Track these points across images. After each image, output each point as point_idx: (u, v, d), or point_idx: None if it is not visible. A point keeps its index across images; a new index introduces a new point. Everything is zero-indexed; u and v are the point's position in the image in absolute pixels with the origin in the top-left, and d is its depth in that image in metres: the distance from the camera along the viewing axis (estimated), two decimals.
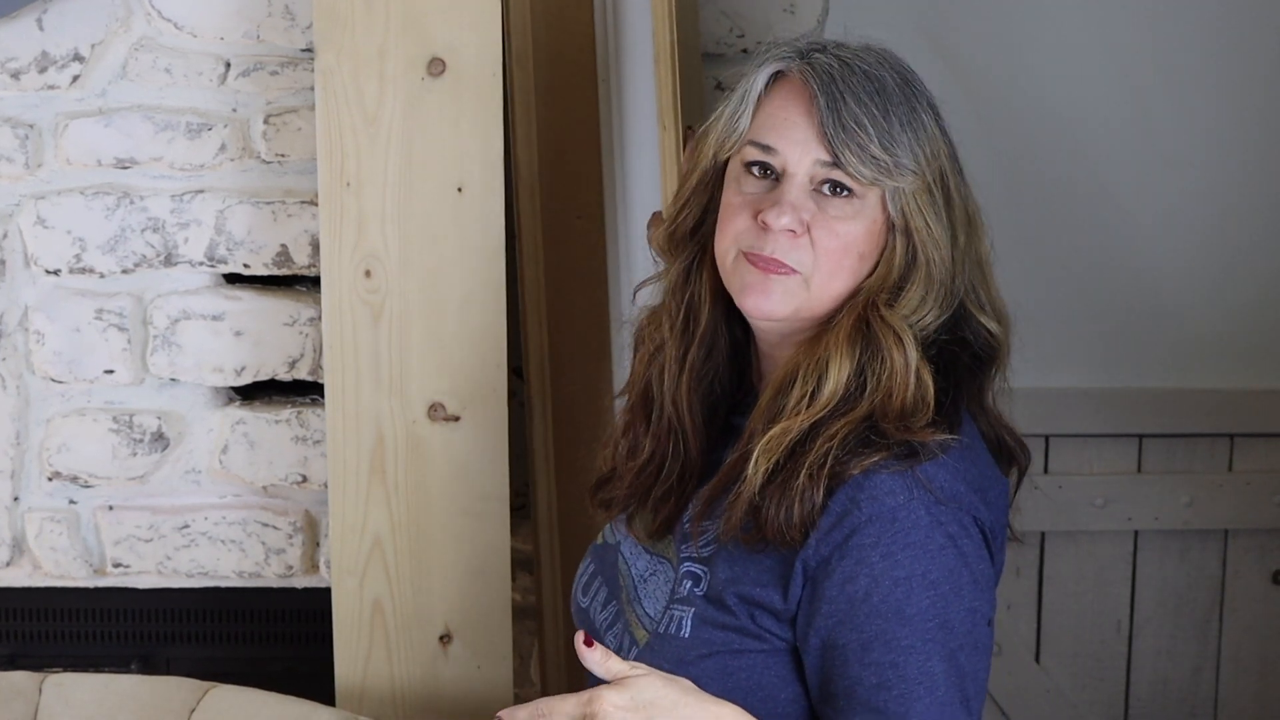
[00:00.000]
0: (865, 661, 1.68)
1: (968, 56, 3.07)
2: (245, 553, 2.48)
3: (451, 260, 2.25)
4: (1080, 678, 3.31)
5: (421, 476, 2.28)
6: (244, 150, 2.40)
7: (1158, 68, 3.11)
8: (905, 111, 1.74)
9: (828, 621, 1.70)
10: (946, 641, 1.68)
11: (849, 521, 1.69)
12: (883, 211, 1.75)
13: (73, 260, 2.42)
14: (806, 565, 1.71)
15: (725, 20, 2.61)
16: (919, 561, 1.68)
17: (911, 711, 1.67)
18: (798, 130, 1.75)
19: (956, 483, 1.72)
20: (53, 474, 2.47)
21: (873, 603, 1.68)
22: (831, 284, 1.75)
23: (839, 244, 1.74)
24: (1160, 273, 3.17)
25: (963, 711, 1.69)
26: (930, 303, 1.75)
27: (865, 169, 1.72)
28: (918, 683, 1.67)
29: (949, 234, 1.76)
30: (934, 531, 1.68)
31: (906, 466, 1.70)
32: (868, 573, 1.68)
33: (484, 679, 2.32)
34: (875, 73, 1.74)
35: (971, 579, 1.70)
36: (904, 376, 1.72)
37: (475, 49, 2.21)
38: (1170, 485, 3.21)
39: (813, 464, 1.70)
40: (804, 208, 1.74)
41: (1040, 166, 3.12)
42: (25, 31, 2.38)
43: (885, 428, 1.71)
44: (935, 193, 1.75)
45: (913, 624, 1.67)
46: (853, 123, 1.71)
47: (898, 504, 1.68)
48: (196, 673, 2.30)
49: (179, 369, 2.44)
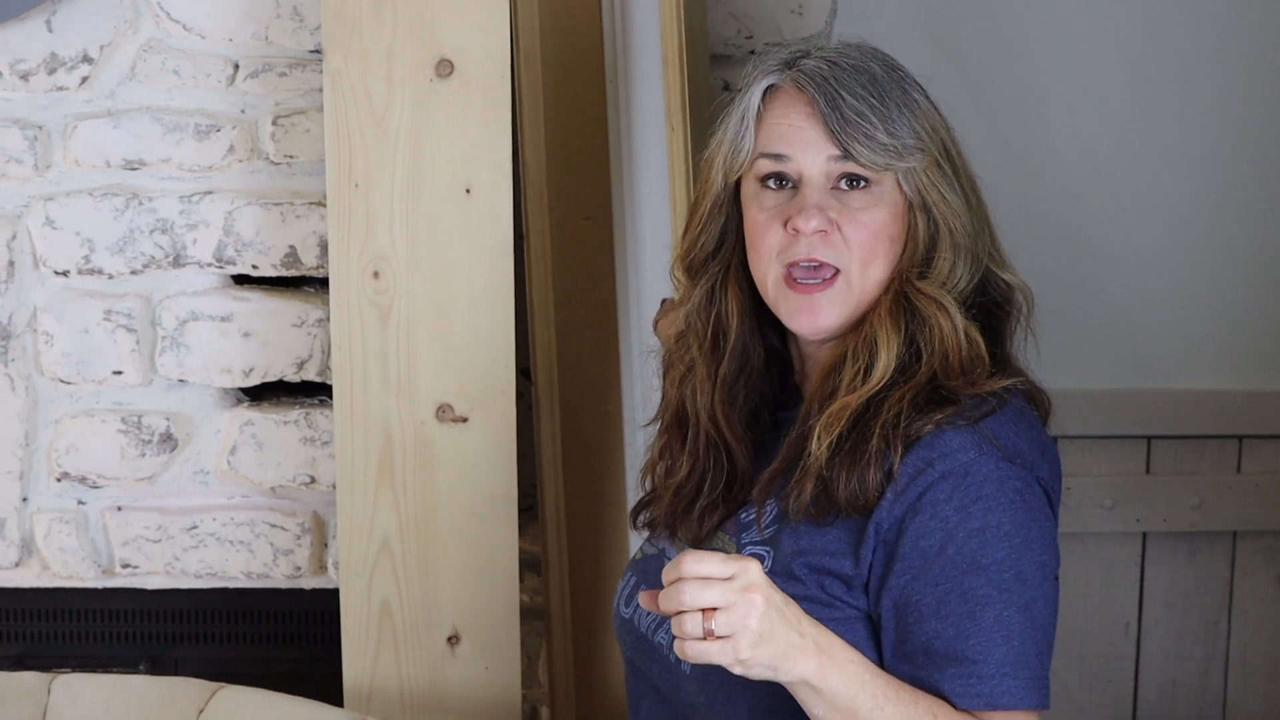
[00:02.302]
0: (942, 614, 1.70)
1: (974, 57, 3.07)
2: (253, 553, 2.48)
3: (460, 261, 2.25)
4: (1088, 679, 3.30)
5: (429, 477, 2.28)
6: (252, 151, 2.41)
7: (1165, 68, 3.10)
8: (899, 95, 1.79)
9: (901, 579, 1.72)
10: (1022, 593, 1.70)
11: (922, 479, 1.72)
12: (900, 194, 1.79)
13: (81, 261, 2.42)
14: (880, 528, 1.73)
15: (733, 22, 2.61)
16: (992, 514, 1.70)
17: (990, 659, 1.69)
18: (804, 134, 1.79)
19: (1019, 440, 1.76)
20: (61, 475, 2.47)
21: (948, 555, 1.70)
22: (870, 273, 1.80)
23: (868, 233, 1.78)
24: (1168, 274, 3.17)
25: (1038, 664, 1.71)
26: (960, 268, 1.80)
27: (876, 157, 1.76)
28: (995, 631, 1.69)
29: (963, 200, 1.81)
30: (1004, 485, 1.72)
31: (973, 422, 1.74)
32: (942, 527, 1.71)
33: (492, 680, 2.32)
34: (863, 65, 1.80)
35: (1040, 533, 1.73)
36: (955, 339, 1.77)
37: (483, 50, 2.21)
38: (1178, 487, 3.21)
39: (885, 426, 1.74)
40: (828, 206, 1.78)
41: (1047, 166, 3.12)
42: (34, 33, 2.38)
43: (952, 385, 1.75)
44: (944, 165, 1.80)
45: (988, 574, 1.69)
46: (855, 115, 1.76)
47: (969, 459, 1.72)
48: (204, 673, 2.30)
49: (187, 370, 2.44)
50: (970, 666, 1.69)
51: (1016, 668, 1.70)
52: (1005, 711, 1.70)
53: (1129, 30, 3.10)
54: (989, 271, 1.84)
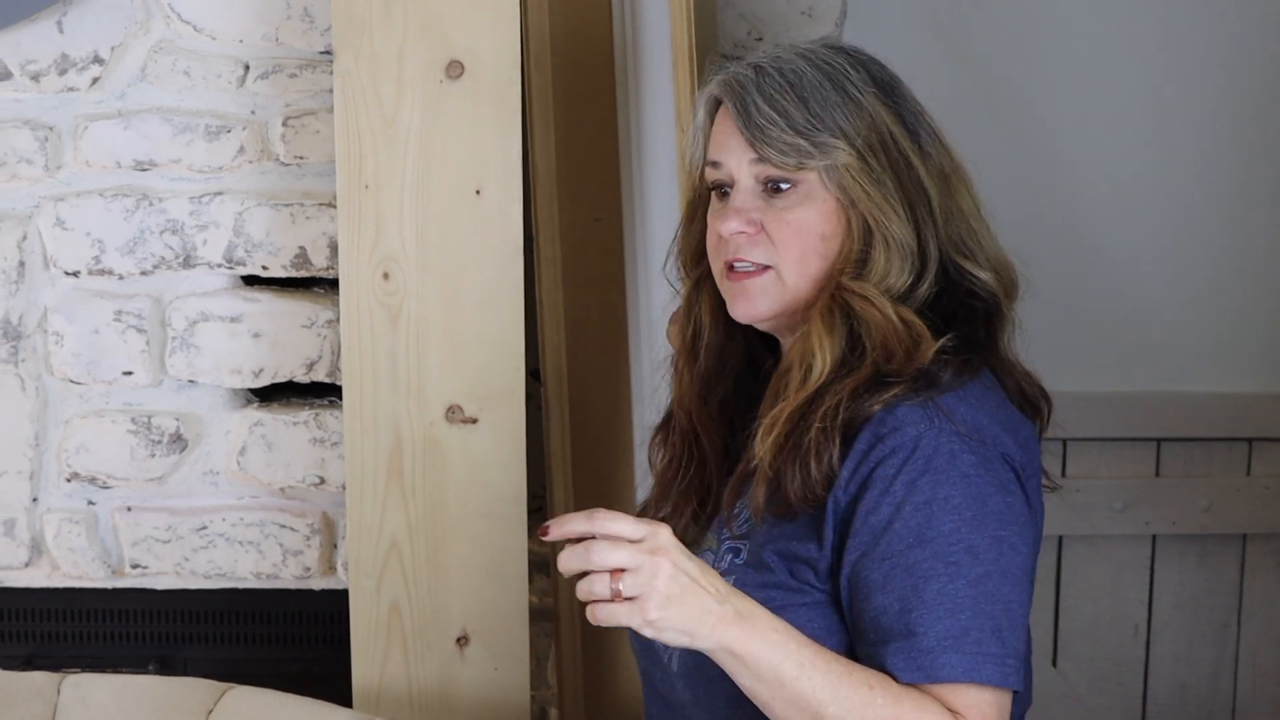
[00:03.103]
0: (888, 589, 1.70)
1: (983, 57, 3.07)
2: (263, 554, 2.49)
3: (470, 262, 2.25)
4: (1098, 682, 3.30)
5: (439, 479, 2.28)
6: (262, 152, 2.41)
7: (1175, 68, 3.10)
8: (827, 94, 1.82)
9: (853, 556, 1.73)
10: (972, 567, 1.69)
11: (874, 455, 1.73)
12: (829, 191, 1.83)
13: (91, 262, 2.42)
14: (837, 507, 1.75)
15: (744, 23, 2.61)
16: (941, 487, 1.70)
17: (931, 632, 1.67)
18: (731, 140, 1.86)
19: (979, 416, 1.76)
20: (71, 475, 2.48)
21: (895, 530, 1.70)
22: (803, 269, 1.83)
23: (792, 231, 1.83)
24: (1178, 276, 3.17)
25: (993, 640, 1.68)
26: (897, 267, 1.82)
27: (787, 157, 1.81)
28: (938, 604, 1.68)
29: (900, 197, 1.82)
30: (956, 459, 1.72)
31: (926, 397, 1.74)
32: (890, 501, 1.71)
33: (501, 681, 2.32)
34: (793, 68, 1.84)
35: (998, 509, 1.72)
36: (889, 326, 1.78)
37: (493, 52, 2.21)
38: (1188, 489, 3.21)
39: (824, 417, 1.76)
40: (750, 208, 1.84)
41: (1055, 167, 3.12)
42: (45, 34, 2.39)
43: (892, 368, 1.76)
44: (872, 162, 1.81)
45: (933, 546, 1.69)
46: (763, 119, 1.82)
47: (919, 432, 1.72)
48: (214, 674, 2.31)
49: (197, 371, 2.45)
50: (911, 639, 1.68)
51: (961, 641, 1.67)
52: (950, 685, 1.67)
53: (1139, 31, 3.10)
54: (958, 268, 1.84)
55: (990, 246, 1.88)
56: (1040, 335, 1.92)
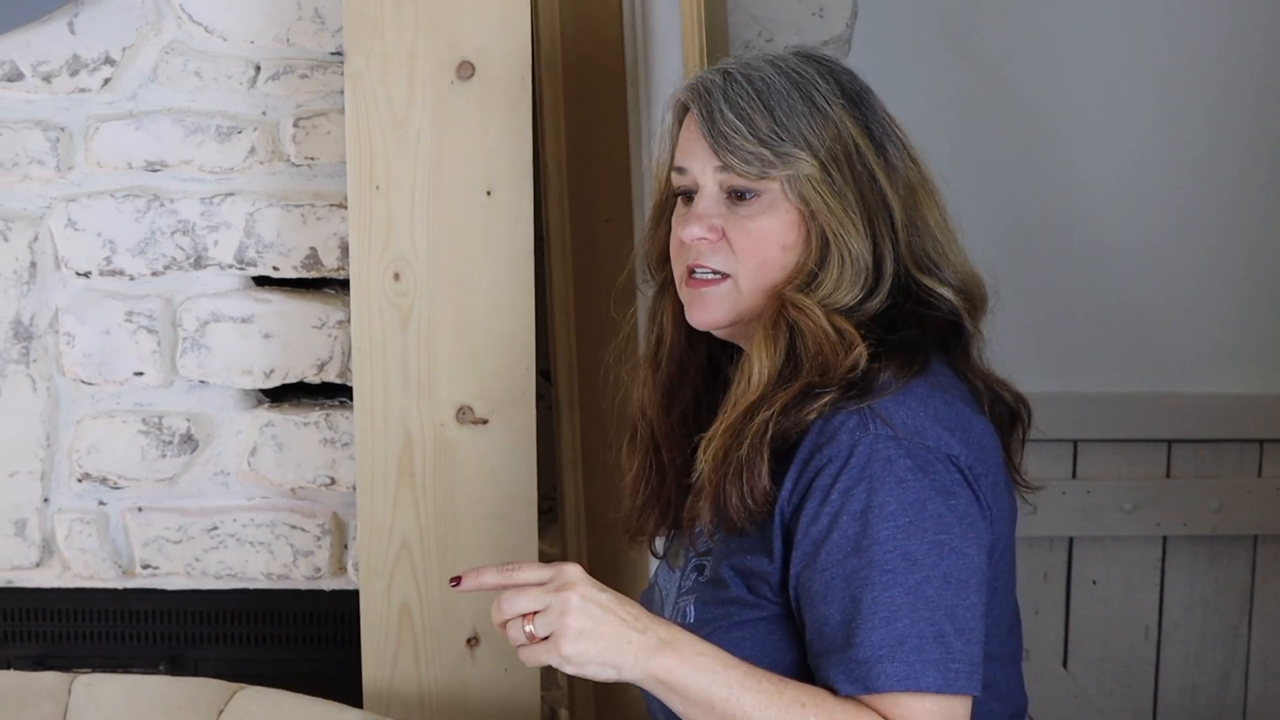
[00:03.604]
0: (828, 599, 1.69)
1: (993, 58, 3.07)
2: (273, 554, 2.49)
3: (480, 263, 2.25)
4: (1108, 684, 3.30)
5: (449, 479, 2.28)
6: (273, 153, 2.41)
7: (1185, 70, 3.10)
8: (794, 103, 1.81)
9: (797, 567, 1.72)
10: (909, 573, 1.67)
11: (813, 465, 1.73)
12: (790, 201, 1.81)
13: (103, 262, 2.43)
14: (783, 519, 1.74)
15: (754, 24, 2.61)
16: (875, 494, 1.69)
17: (867, 642, 1.66)
18: (697, 146, 1.85)
19: (919, 418, 1.73)
20: (82, 475, 2.48)
21: (833, 539, 1.70)
22: (759, 279, 1.83)
23: (752, 240, 1.82)
24: (1189, 277, 3.16)
25: (935, 646, 1.66)
26: (849, 282, 1.80)
27: (749, 166, 1.80)
28: (873, 613, 1.67)
29: (860, 211, 1.81)
30: (892, 464, 1.70)
31: (861, 404, 1.73)
32: (828, 510, 1.71)
33: (511, 682, 2.32)
34: (760, 75, 1.83)
35: (937, 514, 1.70)
36: (823, 335, 1.77)
37: (504, 52, 2.21)
38: (1199, 491, 3.21)
39: (754, 435, 1.75)
40: (713, 215, 1.84)
41: (1065, 168, 3.12)
42: (56, 35, 2.39)
43: (821, 380, 1.75)
44: (835, 174, 1.80)
45: (869, 554, 1.68)
46: (727, 127, 1.81)
47: (855, 440, 1.71)
48: (224, 674, 2.31)
49: (208, 371, 2.45)
50: (849, 651, 1.67)
51: (897, 649, 1.66)
52: (888, 695, 1.66)
53: (1146, 31, 3.09)
54: (918, 283, 1.83)
55: (957, 260, 1.86)
56: (1050, 336, 1.91)
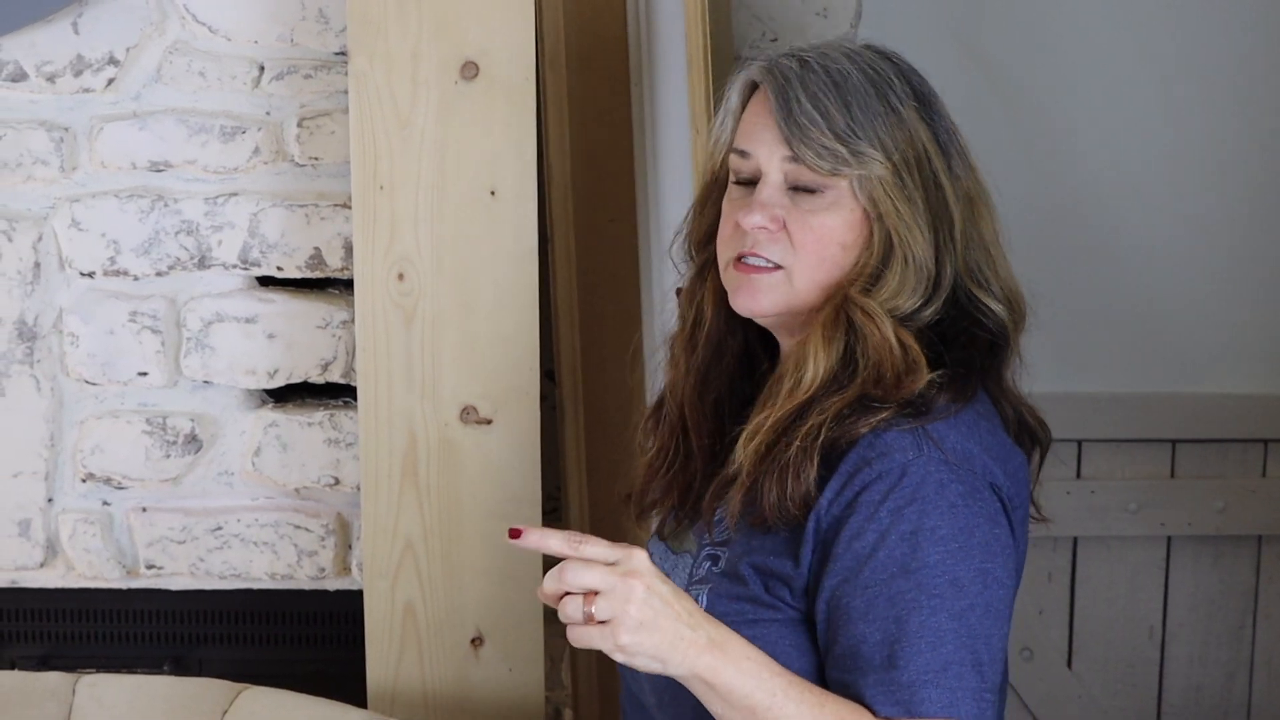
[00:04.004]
0: (869, 618, 1.68)
1: (997, 57, 3.07)
2: (277, 555, 2.49)
3: (484, 263, 2.25)
4: (1112, 684, 3.30)
5: (453, 479, 2.28)
6: (277, 153, 2.41)
7: (1190, 71, 3.10)
8: (870, 101, 1.78)
9: (834, 580, 1.70)
10: (956, 600, 1.67)
11: (860, 479, 1.71)
12: (857, 201, 1.78)
13: (107, 263, 2.43)
14: (819, 528, 1.72)
15: (758, 24, 2.61)
16: (927, 516, 1.68)
17: (913, 665, 1.65)
18: (766, 132, 1.80)
19: (969, 444, 1.73)
20: (86, 476, 2.48)
21: (879, 558, 1.68)
22: (815, 275, 1.80)
23: (814, 236, 1.79)
24: (1193, 277, 3.16)
25: (973, 674, 1.66)
26: (910, 288, 1.78)
27: (822, 161, 1.76)
28: (919, 637, 1.66)
29: (927, 218, 1.79)
30: (944, 489, 1.69)
31: (916, 424, 1.72)
32: (875, 528, 1.69)
33: (515, 682, 2.32)
34: (839, 68, 1.79)
35: (984, 541, 1.69)
36: (886, 349, 1.75)
37: (508, 52, 2.21)
38: (1203, 491, 3.20)
39: (805, 437, 1.73)
40: (776, 204, 1.79)
41: (1070, 168, 3.12)
42: (60, 35, 2.39)
43: (878, 394, 1.73)
44: (906, 178, 1.78)
45: (918, 577, 1.67)
46: (805, 119, 1.77)
47: (907, 460, 1.70)
48: (229, 674, 2.31)
49: (212, 371, 2.45)
50: (892, 673, 1.66)
51: (941, 675, 1.65)
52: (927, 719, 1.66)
53: (1153, 30, 3.09)
54: (970, 296, 1.81)
55: (1004, 275, 1.85)
56: (1055, 337, 1.91)
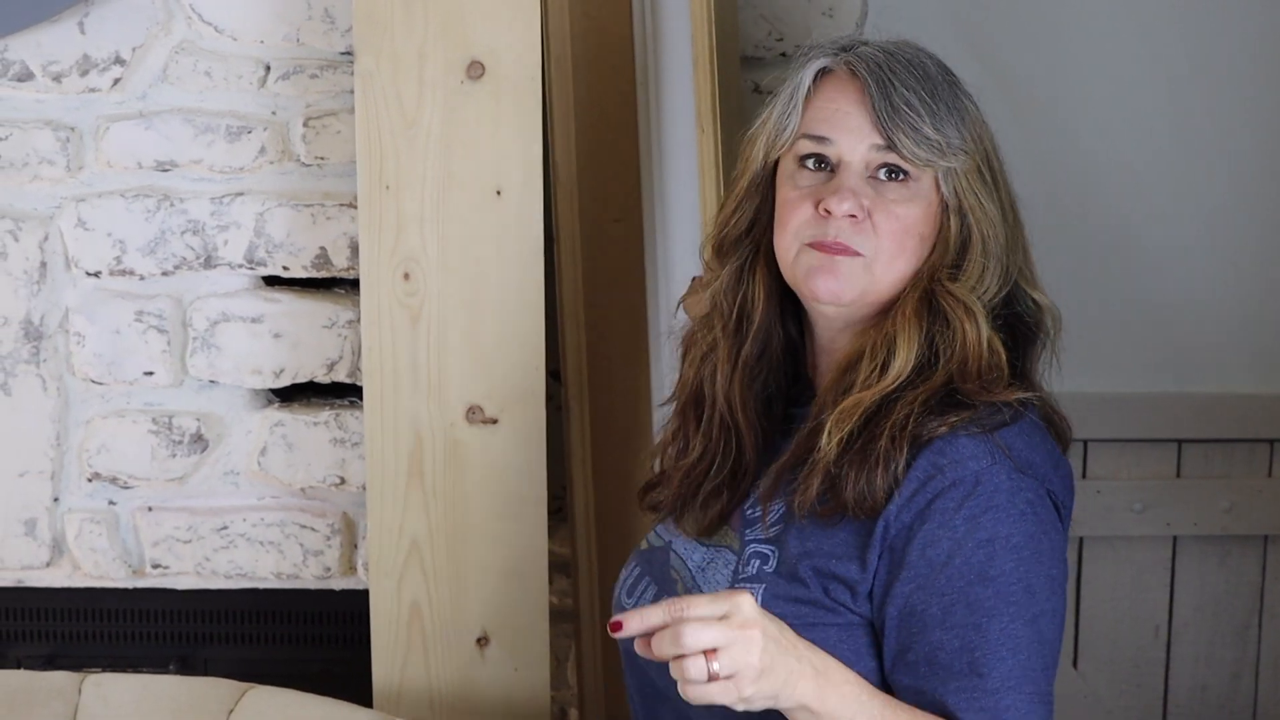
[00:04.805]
0: (947, 625, 1.69)
1: (1004, 57, 3.06)
2: (283, 554, 2.49)
3: (490, 263, 2.25)
4: (1118, 684, 3.29)
5: (459, 479, 2.28)
6: (283, 153, 2.41)
7: (1197, 69, 3.09)
8: (949, 95, 1.79)
9: (907, 587, 1.71)
10: (1029, 606, 1.69)
11: (932, 485, 1.71)
12: (937, 193, 1.79)
13: (113, 262, 2.43)
14: (887, 533, 1.72)
15: (764, 24, 2.61)
16: (1002, 525, 1.69)
17: (995, 673, 1.67)
18: (850, 119, 1.79)
19: (1033, 453, 1.74)
20: (92, 475, 2.48)
21: (955, 565, 1.69)
22: (894, 266, 1.79)
23: (899, 226, 1.78)
24: (1199, 276, 3.15)
25: (1044, 679, 1.69)
26: (990, 277, 1.79)
27: (919, 150, 1.76)
28: (1000, 644, 1.67)
29: (1000, 211, 1.80)
30: (1015, 497, 1.70)
31: (987, 431, 1.72)
32: (950, 536, 1.69)
33: (521, 682, 2.32)
34: (917, 60, 1.80)
35: (1051, 548, 1.72)
36: (977, 346, 1.76)
37: (514, 52, 2.21)
38: (1209, 491, 3.20)
39: (894, 427, 1.72)
40: (863, 193, 1.78)
41: (1076, 168, 3.11)
42: (66, 35, 2.39)
43: (967, 389, 1.74)
44: (984, 172, 1.80)
45: (996, 585, 1.68)
46: (904, 106, 1.76)
47: (981, 468, 1.70)
48: (234, 673, 2.31)
49: (218, 371, 2.45)
50: (975, 680, 1.67)
51: (1022, 682, 1.68)
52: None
53: (1160, 29, 3.08)
54: (1018, 288, 1.83)
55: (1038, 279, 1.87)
56: (1060, 336, 1.91)
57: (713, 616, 1.58)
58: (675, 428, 1.97)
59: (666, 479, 1.97)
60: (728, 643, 1.57)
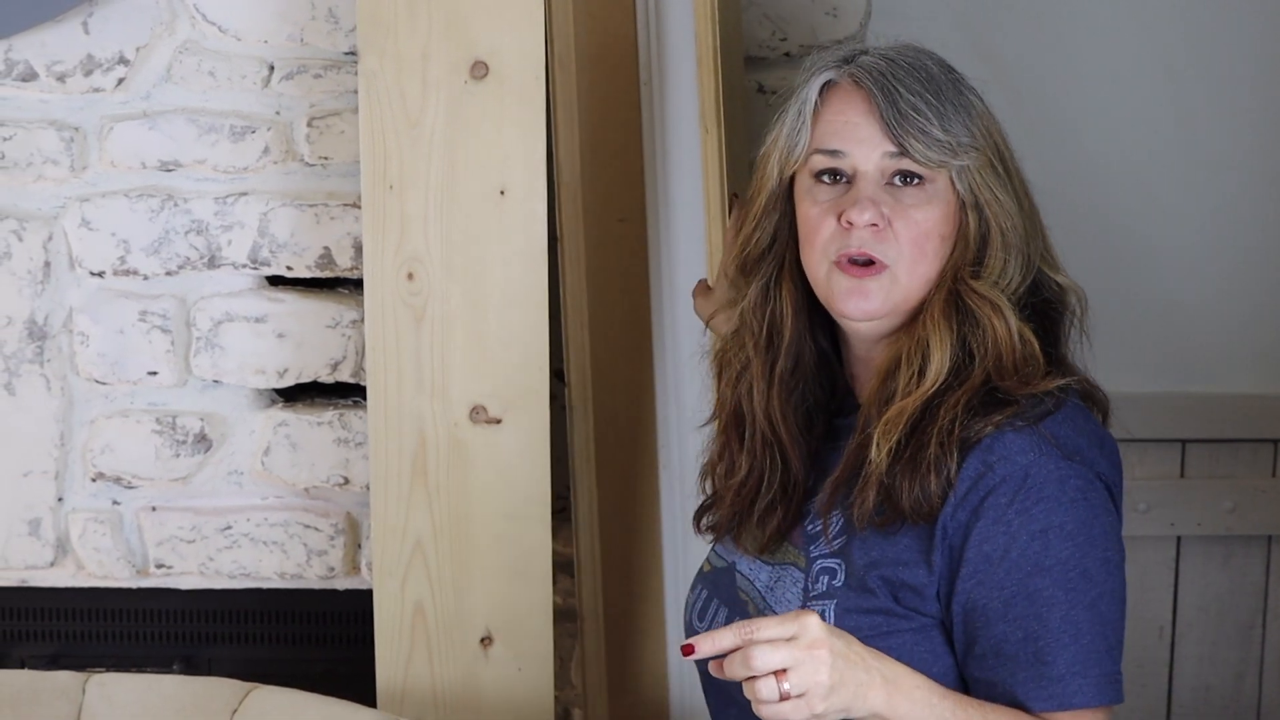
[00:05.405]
0: (1008, 617, 1.71)
1: (1009, 58, 3.06)
2: (287, 554, 2.49)
3: (494, 263, 2.25)
4: None
5: (463, 479, 2.28)
6: (287, 153, 2.41)
7: (1201, 69, 3.09)
8: (953, 94, 1.80)
9: (968, 584, 1.73)
10: (1088, 590, 1.71)
11: (984, 483, 1.73)
12: (953, 192, 1.80)
13: (117, 262, 2.43)
14: (945, 534, 1.74)
15: (768, 24, 2.61)
16: (1054, 514, 1.71)
17: (1059, 660, 1.70)
18: (860, 130, 1.80)
19: (1079, 438, 1.76)
20: (96, 475, 2.48)
21: (1011, 558, 1.71)
22: (918, 270, 1.80)
23: (919, 231, 1.79)
24: (1203, 276, 3.15)
25: (1108, 659, 1.72)
26: (1012, 269, 1.81)
27: (931, 153, 1.77)
28: (1063, 631, 1.70)
29: (1015, 202, 1.82)
30: (1065, 485, 1.72)
31: (1032, 423, 1.74)
32: (1004, 530, 1.72)
33: (524, 681, 2.32)
34: (919, 63, 1.81)
35: (1104, 530, 1.74)
36: (1009, 340, 1.78)
37: (518, 52, 2.21)
38: (1213, 491, 3.20)
39: (941, 432, 1.75)
40: (882, 201, 1.79)
41: (1080, 167, 3.11)
42: (71, 35, 2.39)
43: (1006, 386, 1.76)
44: (997, 165, 1.81)
45: (1052, 574, 1.71)
46: (911, 111, 1.77)
47: (1029, 461, 1.72)
48: (238, 673, 2.31)
49: (222, 371, 2.45)
50: (1041, 668, 1.71)
51: (1087, 666, 1.71)
52: (1077, 711, 1.71)
53: (1162, 26, 3.08)
54: (1041, 273, 1.84)
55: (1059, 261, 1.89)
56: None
57: (781, 638, 1.61)
58: (720, 447, 1.98)
59: (719, 500, 1.98)
60: (796, 663, 1.60)
